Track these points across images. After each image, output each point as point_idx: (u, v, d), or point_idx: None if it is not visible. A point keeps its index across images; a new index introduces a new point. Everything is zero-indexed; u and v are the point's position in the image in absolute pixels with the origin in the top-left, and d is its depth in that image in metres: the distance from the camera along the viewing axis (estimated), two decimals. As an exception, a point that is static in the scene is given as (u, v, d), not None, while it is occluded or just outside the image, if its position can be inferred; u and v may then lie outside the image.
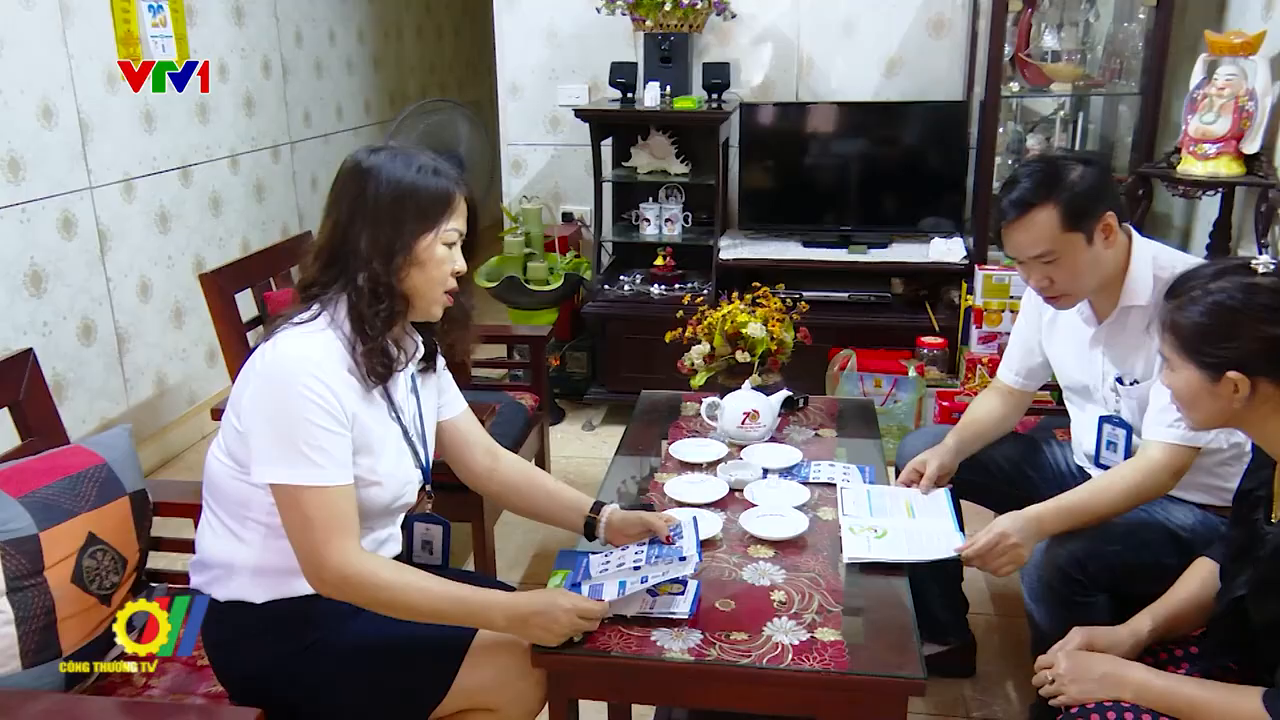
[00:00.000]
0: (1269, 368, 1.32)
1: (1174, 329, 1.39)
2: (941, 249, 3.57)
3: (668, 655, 1.48)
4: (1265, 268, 1.34)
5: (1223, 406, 1.37)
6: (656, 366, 2.87)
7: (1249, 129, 2.78)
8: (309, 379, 1.44)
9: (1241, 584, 1.41)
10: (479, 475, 1.80)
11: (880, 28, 3.81)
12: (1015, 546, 1.75)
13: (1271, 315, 1.31)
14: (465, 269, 1.59)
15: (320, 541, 1.44)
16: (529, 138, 4.17)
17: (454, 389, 1.80)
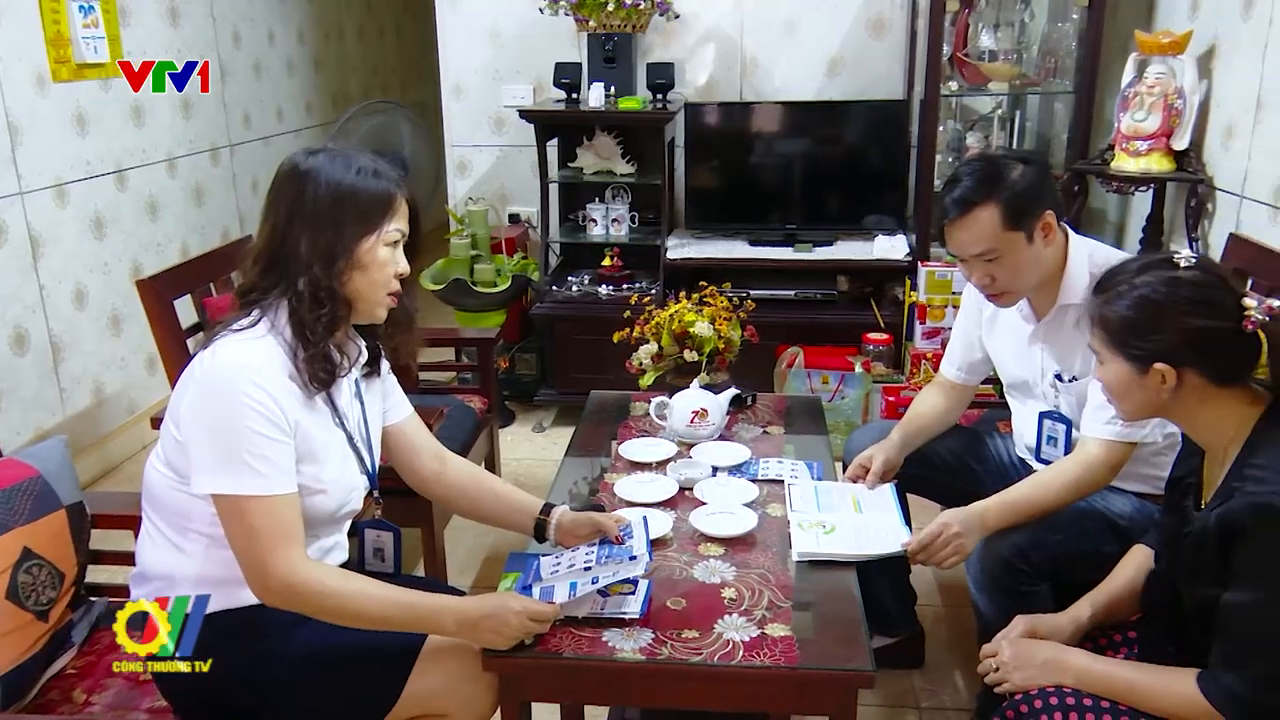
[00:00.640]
0: (1194, 358, 1.35)
1: (1102, 323, 1.42)
2: (885, 246, 3.62)
3: (619, 655, 1.48)
4: (1187, 262, 1.38)
5: (1151, 397, 1.40)
6: (606, 367, 2.88)
7: (1178, 126, 2.86)
8: (249, 386, 1.41)
9: (1173, 569, 1.45)
10: (426, 480, 1.79)
11: (821, 28, 3.85)
12: (958, 536, 1.78)
13: (1195, 308, 1.35)
14: (408, 271, 1.57)
15: (265, 551, 1.42)
16: (473, 139, 4.14)
17: (399, 393, 1.78)
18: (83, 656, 1.73)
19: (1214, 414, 1.39)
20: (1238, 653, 1.31)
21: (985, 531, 1.83)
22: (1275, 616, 1.28)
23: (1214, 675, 1.33)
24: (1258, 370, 1.35)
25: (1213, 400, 1.38)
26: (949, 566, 1.81)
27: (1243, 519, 1.28)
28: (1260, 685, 1.29)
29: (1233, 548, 1.30)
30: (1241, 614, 1.30)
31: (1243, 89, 2.67)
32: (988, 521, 1.83)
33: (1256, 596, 1.28)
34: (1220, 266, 1.42)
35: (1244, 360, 1.35)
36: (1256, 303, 1.33)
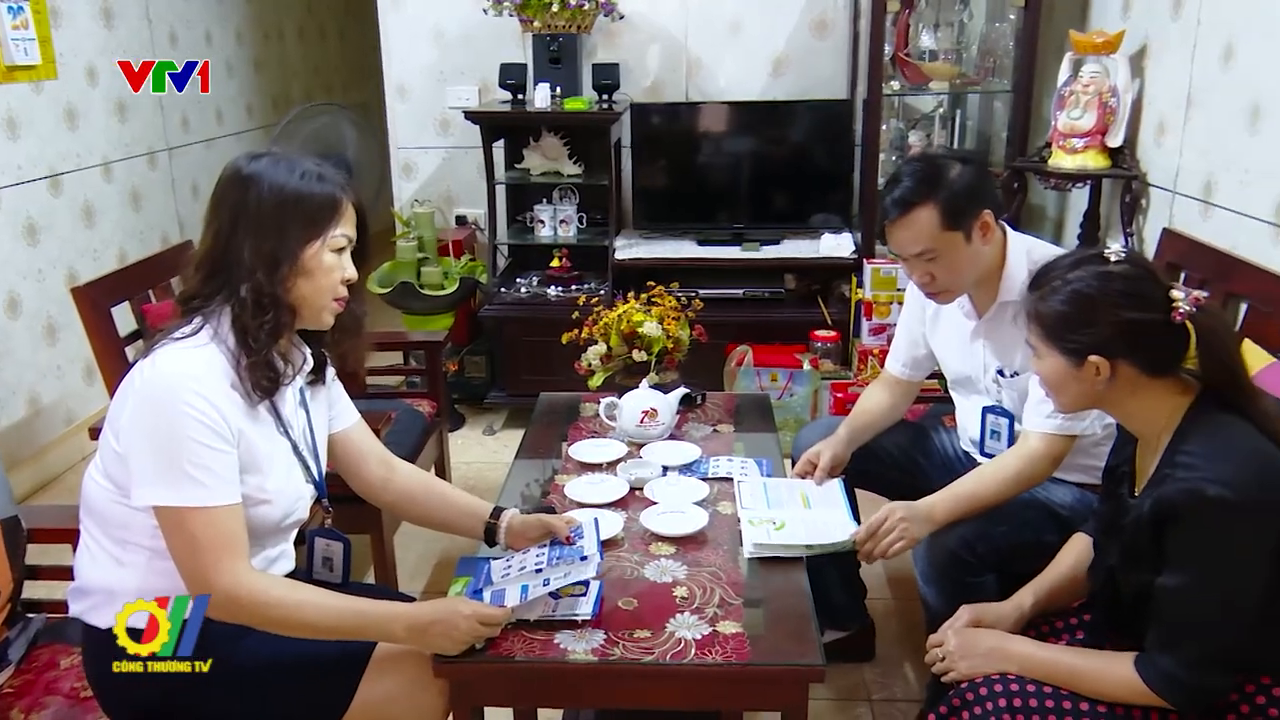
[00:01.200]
0: (1126, 350, 1.39)
1: (1038, 318, 1.45)
2: (831, 244, 3.65)
3: (571, 657, 1.48)
4: (1117, 256, 1.42)
5: (1086, 389, 1.44)
6: (556, 368, 2.87)
7: (1112, 124, 2.92)
8: (191, 396, 1.39)
9: (1111, 556, 1.49)
10: (374, 486, 1.77)
11: (765, 28, 3.88)
12: (903, 521, 1.81)
13: (1126, 300, 1.38)
14: (355, 277, 1.55)
15: (208, 564, 1.39)
16: (419, 140, 4.11)
17: (345, 400, 1.76)
18: (20, 675, 1.69)
19: (1147, 404, 1.42)
20: (1172, 635, 1.35)
21: (933, 524, 1.86)
22: (1206, 599, 1.32)
23: (1150, 658, 1.36)
24: (1187, 360, 1.39)
25: (1145, 390, 1.41)
26: (896, 553, 1.82)
27: (1174, 505, 1.32)
28: (1194, 666, 1.33)
29: (1165, 533, 1.34)
30: (1175, 598, 1.34)
31: (1173, 87, 2.74)
32: (935, 515, 1.86)
33: (1188, 580, 1.32)
34: (1148, 260, 1.46)
35: (1174, 351, 1.39)
36: (1184, 295, 1.37)
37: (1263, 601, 1.30)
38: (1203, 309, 1.37)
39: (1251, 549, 1.29)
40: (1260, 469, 1.31)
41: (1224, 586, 1.31)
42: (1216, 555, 1.30)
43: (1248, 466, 1.31)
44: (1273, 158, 2.26)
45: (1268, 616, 1.31)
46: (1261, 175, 2.30)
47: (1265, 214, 2.28)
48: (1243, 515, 1.28)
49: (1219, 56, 2.49)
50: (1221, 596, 1.31)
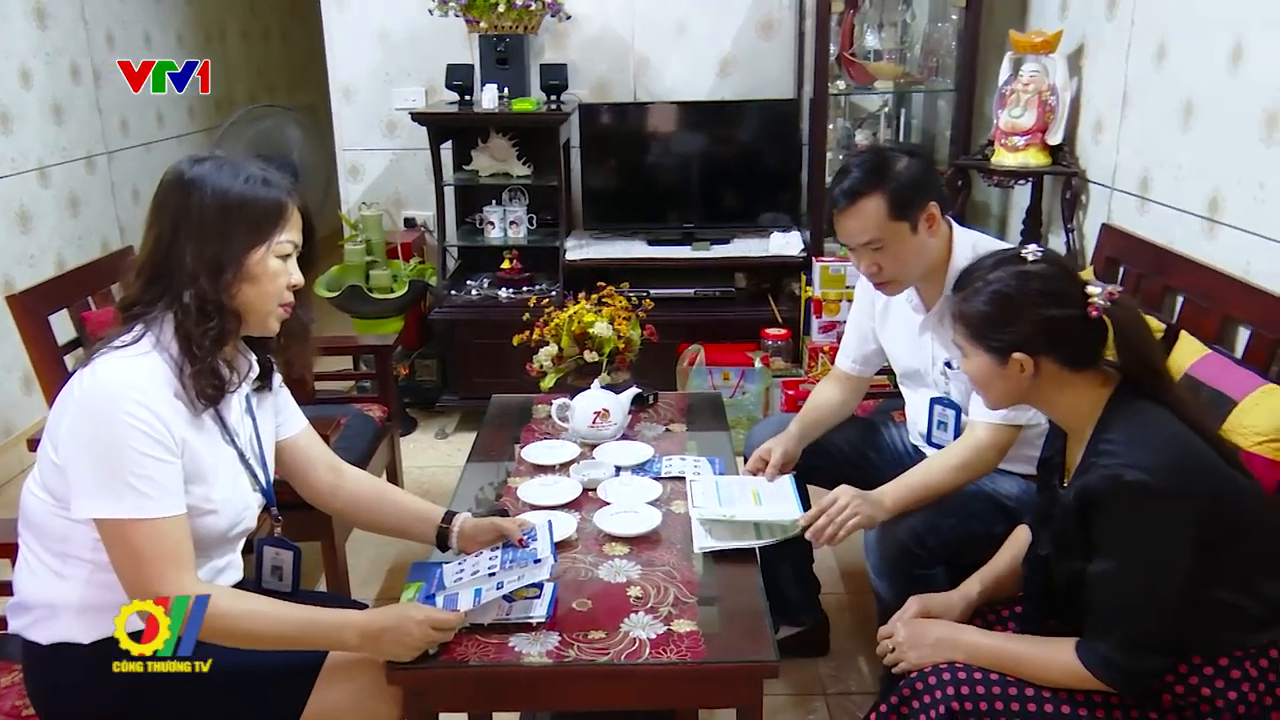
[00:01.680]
0: (1048, 346, 1.44)
1: (963, 319, 1.50)
2: (780, 243, 3.68)
3: (526, 660, 1.47)
4: (1034, 256, 1.47)
5: (1012, 386, 1.48)
6: (508, 370, 2.86)
7: (1052, 122, 2.98)
8: (132, 405, 1.36)
9: (1044, 544, 1.53)
10: (323, 493, 1.74)
11: (712, 29, 3.90)
12: (856, 499, 1.84)
13: (1045, 299, 1.43)
14: (302, 282, 1.53)
15: (153, 576, 1.36)
16: (365, 142, 4.07)
17: (293, 406, 1.74)
18: (-42, 694, 1.64)
19: (1071, 397, 1.47)
20: (1105, 621, 1.39)
21: (884, 510, 1.88)
22: (1133, 583, 1.36)
23: (1089, 644, 1.40)
24: (1106, 353, 1.45)
25: (1069, 384, 1.46)
26: (850, 530, 1.84)
27: (1097, 492, 1.36)
28: (1129, 649, 1.36)
29: (1091, 520, 1.38)
30: (1104, 583, 1.38)
31: (1109, 86, 2.80)
32: (885, 502, 1.89)
33: (1115, 565, 1.36)
34: (1064, 258, 1.52)
35: (1093, 344, 1.44)
36: (1099, 290, 1.42)
37: (1188, 583, 1.35)
38: (1117, 302, 1.42)
39: (1172, 531, 1.33)
40: (1178, 454, 1.36)
41: (1149, 570, 1.35)
42: (1139, 539, 1.35)
43: (1166, 451, 1.35)
44: (1204, 155, 2.32)
45: (1194, 597, 1.36)
46: (1194, 172, 2.36)
47: (1198, 209, 2.34)
48: (1162, 499, 1.33)
49: (1152, 56, 2.55)
50: (1147, 580, 1.35)
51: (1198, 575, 1.34)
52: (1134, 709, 1.40)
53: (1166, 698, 1.39)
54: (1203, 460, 1.38)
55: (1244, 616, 1.36)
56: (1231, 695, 1.36)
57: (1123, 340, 1.43)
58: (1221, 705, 1.36)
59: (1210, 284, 2.23)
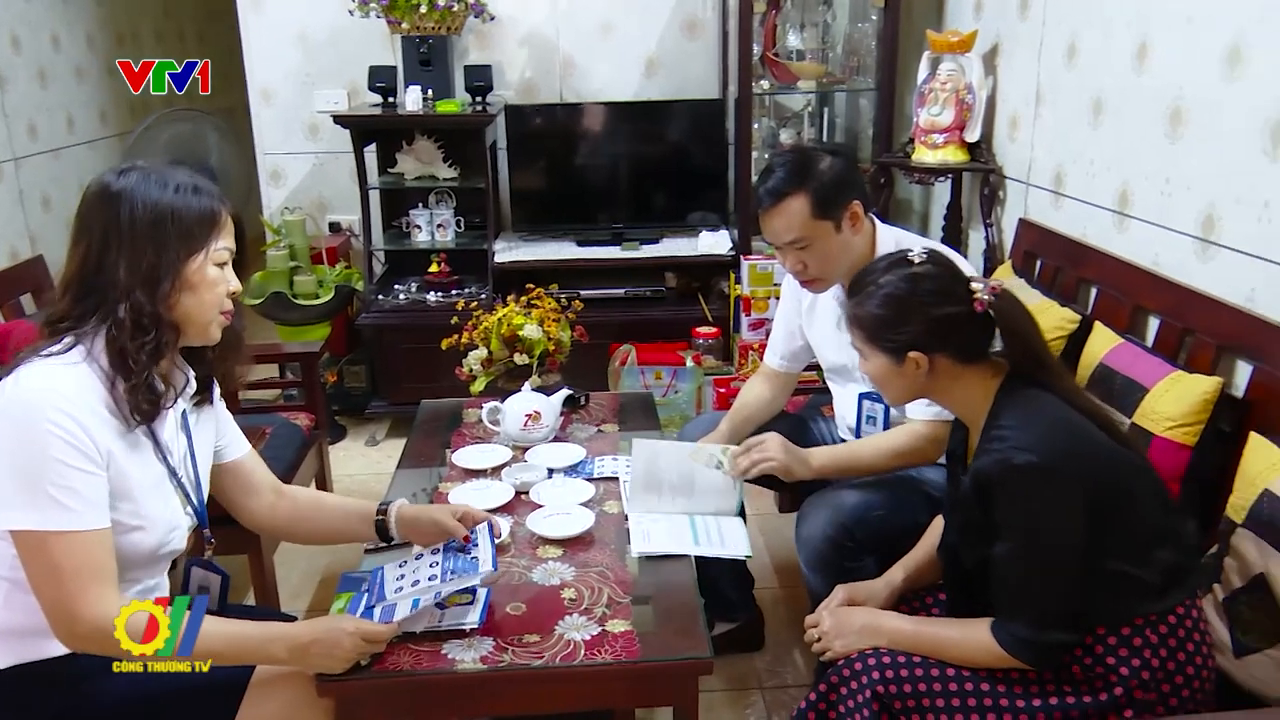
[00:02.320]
0: (940, 342, 1.50)
1: (858, 322, 1.55)
2: (709, 242, 3.70)
3: (460, 667, 1.47)
4: (919, 258, 1.53)
5: (910, 383, 1.54)
6: (438, 375, 2.82)
7: (969, 120, 3.05)
8: (55, 413, 1.32)
9: (953, 531, 1.59)
10: (261, 516, 1.72)
11: (637, 29, 3.91)
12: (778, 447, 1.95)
13: (934, 298, 1.49)
14: (240, 289, 1.52)
15: (73, 593, 1.32)
16: (287, 146, 3.99)
17: (235, 430, 1.71)
18: None
19: (966, 389, 1.53)
20: (1013, 600, 1.44)
21: (806, 467, 1.98)
22: (1033, 561, 1.41)
23: (1002, 623, 1.45)
24: (994, 345, 1.51)
25: (963, 377, 1.52)
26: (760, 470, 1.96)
27: (990, 476, 1.42)
28: (1038, 625, 1.42)
29: (989, 504, 1.43)
30: (1007, 564, 1.43)
31: (1023, 85, 2.87)
32: (812, 461, 1.98)
33: (1015, 546, 1.42)
34: (948, 258, 1.59)
35: (981, 338, 1.50)
36: (983, 285, 1.48)
37: (1085, 557, 1.40)
38: (1000, 296, 1.48)
39: (1064, 508, 1.39)
40: (1064, 434, 1.42)
41: (1046, 547, 1.40)
42: (1034, 518, 1.40)
43: (1052, 433, 1.42)
44: (1114, 151, 2.40)
45: (1092, 570, 1.41)
46: (1104, 167, 2.44)
47: (1109, 203, 2.41)
48: (1050, 477, 1.38)
49: (1063, 55, 2.63)
50: (1046, 556, 1.40)
51: (1094, 549, 1.40)
52: (1049, 683, 1.45)
53: (1077, 669, 1.44)
54: (1088, 438, 1.45)
55: (1141, 586, 1.42)
56: (1135, 662, 1.42)
57: (1008, 332, 1.49)
58: (1127, 673, 1.42)
59: (1121, 275, 2.31)
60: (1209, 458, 1.82)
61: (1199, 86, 2.06)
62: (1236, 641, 1.54)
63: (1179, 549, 1.46)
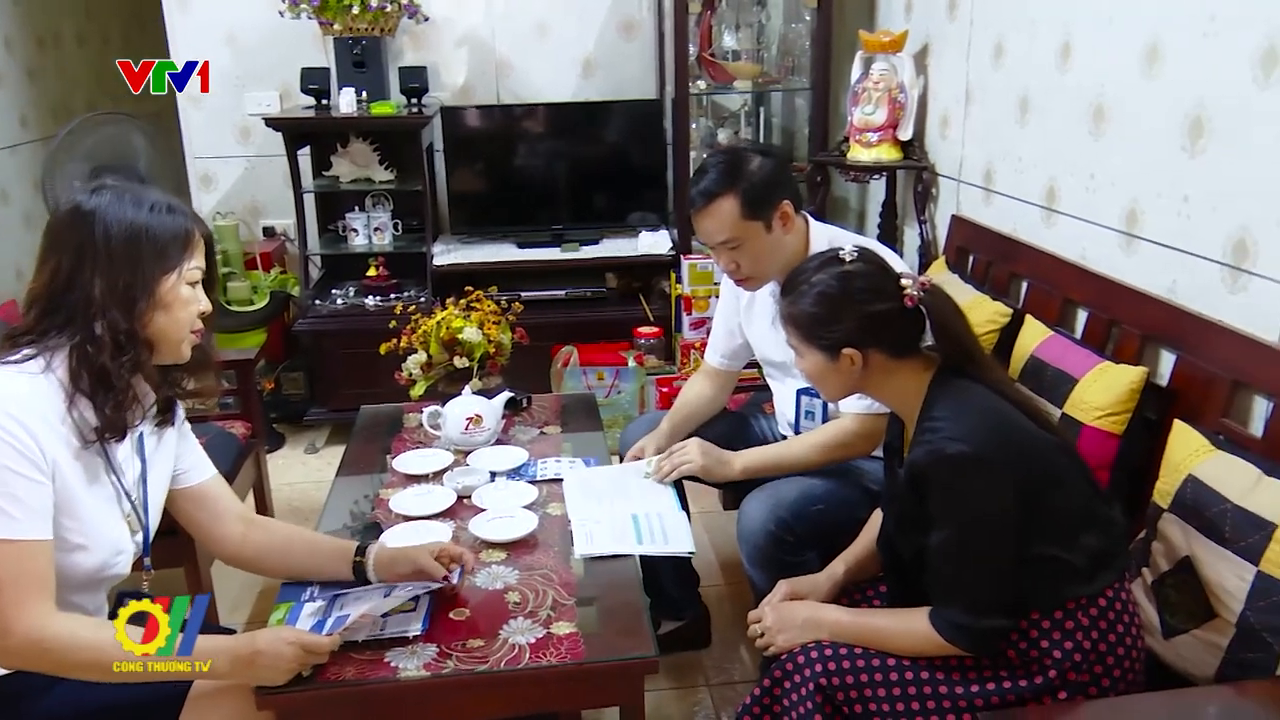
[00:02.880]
0: (873, 339, 1.52)
1: (792, 321, 1.58)
2: (649, 242, 3.72)
3: (403, 675, 1.45)
4: (850, 256, 1.56)
5: (845, 379, 1.57)
6: (378, 380, 2.79)
7: (902, 118, 3.10)
8: (5, 418, 1.31)
9: (890, 523, 1.62)
10: (229, 545, 1.68)
11: (573, 30, 3.90)
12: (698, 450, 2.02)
13: (866, 295, 1.52)
14: (210, 308, 1.52)
15: (9, 603, 1.30)
16: (217, 150, 3.91)
17: (199, 453, 1.68)
18: None
19: (900, 384, 1.56)
20: (949, 588, 1.47)
21: (736, 471, 2.03)
22: (967, 548, 1.44)
23: (939, 611, 1.48)
24: (925, 339, 1.54)
25: (896, 372, 1.55)
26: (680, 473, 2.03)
27: (923, 467, 1.45)
28: (975, 611, 1.45)
29: (924, 495, 1.46)
30: (943, 553, 1.46)
31: (953, 84, 2.93)
32: (736, 464, 2.04)
33: (949, 535, 1.45)
34: (878, 256, 1.62)
35: (912, 332, 1.54)
36: (912, 281, 1.52)
37: (1019, 543, 1.43)
38: (929, 292, 1.52)
39: (996, 495, 1.42)
40: (994, 423, 1.46)
41: (980, 535, 1.43)
42: (967, 507, 1.43)
43: (983, 423, 1.45)
44: (1040, 148, 2.46)
45: (1026, 556, 1.44)
46: (1031, 164, 2.50)
47: (1037, 199, 2.47)
48: (981, 466, 1.41)
49: (990, 54, 2.68)
50: (980, 543, 1.43)
51: (1024, 534, 1.43)
52: (987, 668, 1.48)
53: (1012, 654, 1.48)
54: (1017, 427, 1.48)
55: (1070, 570, 1.46)
56: (1068, 645, 1.45)
57: (938, 326, 1.52)
58: (1060, 655, 1.45)
59: (1050, 269, 2.37)
60: (1136, 445, 1.88)
61: (1120, 85, 2.12)
62: (1165, 623, 1.59)
63: (1106, 533, 1.50)
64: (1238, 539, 1.49)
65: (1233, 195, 1.81)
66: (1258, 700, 1.39)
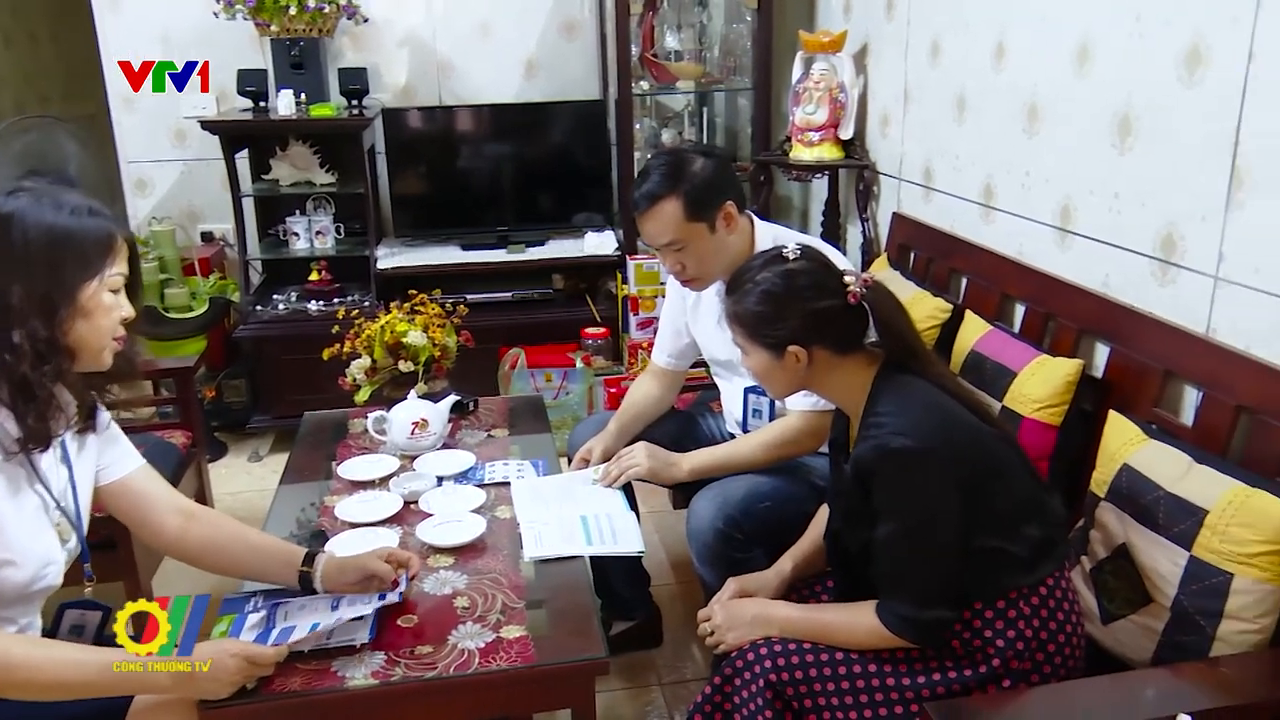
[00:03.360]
0: (818, 336, 1.54)
1: (738, 319, 1.59)
2: (595, 242, 3.71)
3: (350, 684, 1.43)
4: (794, 255, 1.57)
5: (791, 376, 1.58)
6: (322, 386, 2.75)
7: (842, 118, 3.14)
8: None
9: (837, 518, 1.63)
10: (167, 538, 1.64)
11: (515, 31, 3.88)
12: (644, 454, 2.03)
13: (810, 292, 1.54)
14: (134, 315, 1.47)
15: None
16: (152, 154, 3.83)
17: (123, 444, 1.63)
18: None
19: (844, 379, 1.58)
20: (895, 581, 1.49)
21: (684, 473, 2.05)
22: (912, 541, 1.46)
23: (885, 604, 1.50)
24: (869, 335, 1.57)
25: (840, 368, 1.57)
26: (628, 477, 2.04)
27: (869, 461, 1.47)
28: (920, 603, 1.47)
29: (869, 490, 1.48)
30: (889, 547, 1.48)
31: (892, 83, 2.97)
32: (684, 465, 2.05)
33: (895, 528, 1.47)
34: (821, 253, 1.64)
35: (856, 329, 1.56)
36: (855, 278, 1.54)
37: (962, 535, 1.46)
38: (872, 288, 1.54)
39: (939, 488, 1.44)
40: (938, 418, 1.48)
41: (925, 528, 1.45)
42: (912, 500, 1.45)
43: (926, 417, 1.47)
44: (977, 146, 2.50)
45: (969, 548, 1.47)
46: (969, 162, 2.54)
47: (975, 196, 2.52)
48: (925, 460, 1.44)
49: (928, 54, 2.72)
50: (925, 536, 1.46)
51: (968, 526, 1.46)
52: (932, 659, 1.51)
53: (957, 644, 1.50)
54: (959, 421, 1.51)
55: (1012, 560, 1.49)
56: (1011, 634, 1.48)
57: (881, 322, 1.55)
58: (1003, 644, 1.48)
59: (989, 265, 2.41)
60: (1074, 436, 1.92)
61: (1052, 84, 2.17)
62: (1103, 609, 1.63)
63: (1046, 523, 1.53)
64: (1171, 525, 1.54)
65: (1160, 191, 1.86)
66: (1193, 681, 1.43)
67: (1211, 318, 1.75)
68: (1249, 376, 1.63)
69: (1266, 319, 1.64)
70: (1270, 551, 1.42)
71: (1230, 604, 1.45)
